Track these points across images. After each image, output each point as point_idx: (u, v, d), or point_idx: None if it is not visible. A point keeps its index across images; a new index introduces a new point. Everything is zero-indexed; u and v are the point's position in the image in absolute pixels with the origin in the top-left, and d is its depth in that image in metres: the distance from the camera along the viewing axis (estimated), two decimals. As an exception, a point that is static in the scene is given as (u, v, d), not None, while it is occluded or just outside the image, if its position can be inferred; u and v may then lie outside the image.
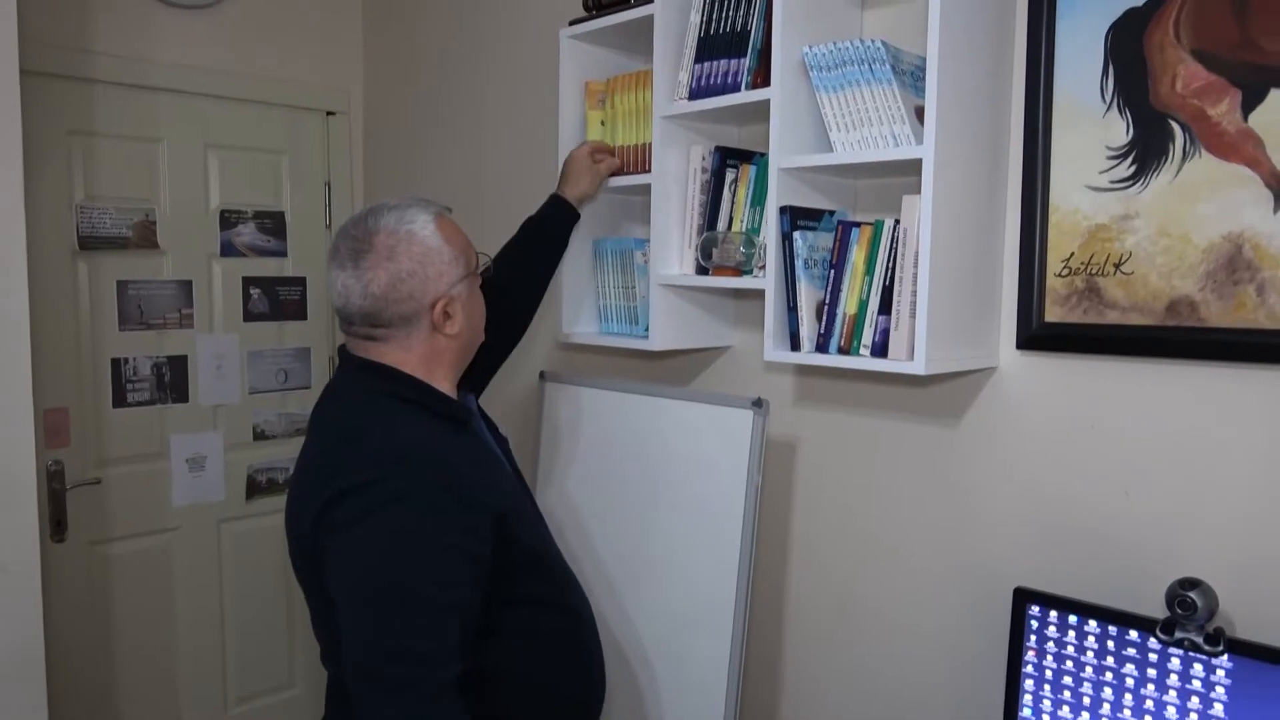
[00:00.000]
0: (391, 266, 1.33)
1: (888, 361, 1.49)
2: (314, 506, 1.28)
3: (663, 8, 1.79)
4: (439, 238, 1.37)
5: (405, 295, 1.34)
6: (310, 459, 1.38)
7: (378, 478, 1.25)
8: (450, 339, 1.40)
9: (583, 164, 1.89)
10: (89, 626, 2.62)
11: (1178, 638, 1.29)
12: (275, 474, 2.95)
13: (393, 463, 1.27)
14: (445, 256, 1.37)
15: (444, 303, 1.37)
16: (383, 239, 1.34)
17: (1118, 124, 1.41)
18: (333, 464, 1.30)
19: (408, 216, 1.36)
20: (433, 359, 1.40)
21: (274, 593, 2.97)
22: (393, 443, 1.30)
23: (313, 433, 1.43)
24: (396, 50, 2.94)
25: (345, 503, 1.25)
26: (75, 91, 2.52)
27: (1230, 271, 1.32)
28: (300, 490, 1.36)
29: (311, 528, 1.28)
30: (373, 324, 1.36)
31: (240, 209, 2.85)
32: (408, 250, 1.34)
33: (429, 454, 1.30)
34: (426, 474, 1.27)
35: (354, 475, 1.26)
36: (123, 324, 2.64)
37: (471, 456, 1.38)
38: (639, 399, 1.94)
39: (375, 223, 1.35)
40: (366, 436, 1.31)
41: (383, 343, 1.37)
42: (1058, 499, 1.53)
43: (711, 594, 1.75)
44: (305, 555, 1.33)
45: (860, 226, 1.53)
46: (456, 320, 1.39)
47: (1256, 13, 1.28)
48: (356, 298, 1.34)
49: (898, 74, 1.48)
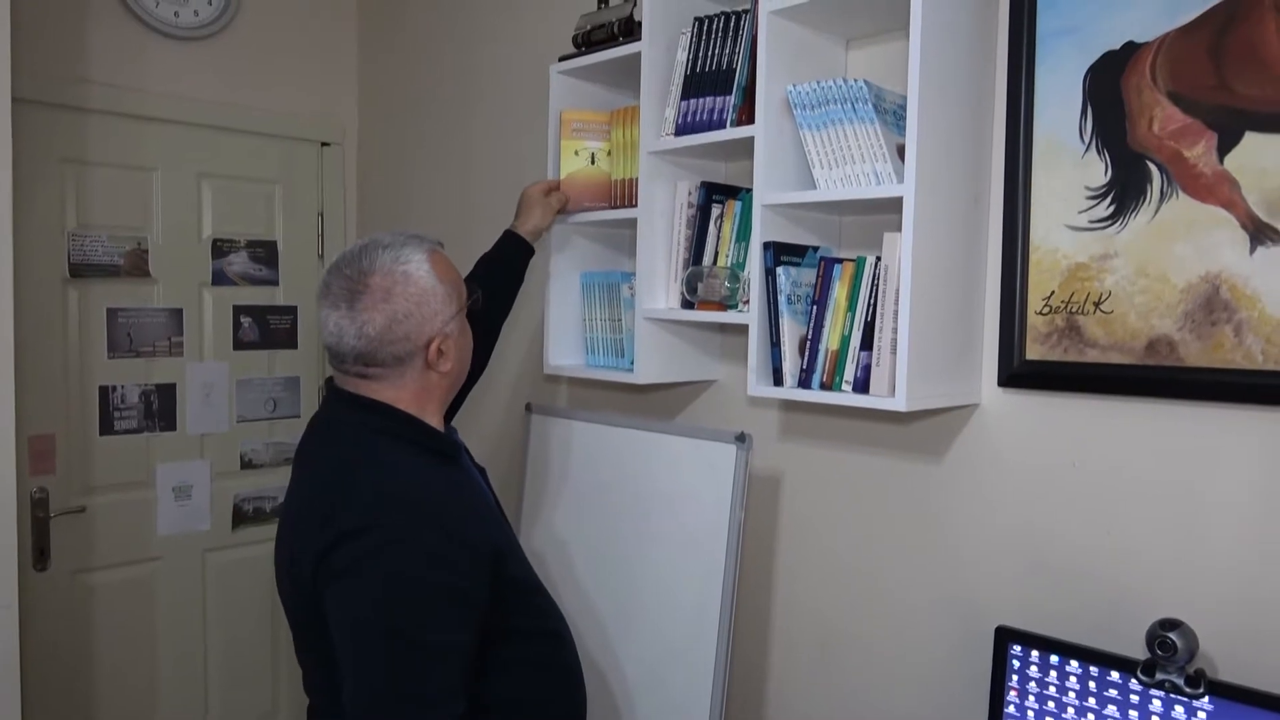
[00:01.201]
0: (388, 309, 1.31)
1: (869, 397, 1.49)
2: (314, 550, 1.26)
3: (650, 45, 1.81)
4: (433, 277, 1.36)
5: (401, 336, 1.33)
6: (305, 497, 1.36)
7: (374, 523, 1.24)
8: (443, 376, 1.39)
9: (535, 198, 1.92)
10: (70, 657, 2.59)
11: (1158, 679, 1.28)
12: (262, 503, 2.94)
13: (389, 506, 1.25)
14: (439, 295, 1.36)
15: (439, 341, 1.36)
16: (378, 280, 1.32)
17: (1096, 165, 1.43)
18: (329, 505, 1.28)
19: (403, 256, 1.35)
20: (424, 395, 1.39)
21: (258, 623, 2.94)
22: (388, 485, 1.28)
23: (303, 468, 1.41)
24: (391, 82, 2.97)
25: (343, 547, 1.23)
26: (69, 120, 2.54)
27: (1208, 312, 1.32)
28: (297, 529, 1.34)
29: (312, 571, 1.27)
30: (366, 364, 1.34)
31: (233, 238, 2.86)
32: (404, 291, 1.32)
33: (424, 496, 1.29)
34: (422, 517, 1.26)
35: (351, 519, 1.24)
36: (112, 351, 2.64)
37: (463, 493, 1.38)
38: (623, 432, 1.94)
39: (370, 262, 1.33)
40: (362, 477, 1.29)
41: (375, 380, 1.36)
42: (1040, 537, 1.53)
43: (695, 627, 1.74)
44: (301, 593, 1.31)
45: (843, 263, 1.54)
46: (450, 357, 1.39)
47: (1231, 57, 1.29)
48: (351, 339, 1.32)
49: (880, 113, 1.49)
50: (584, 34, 1.98)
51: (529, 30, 2.45)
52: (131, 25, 2.62)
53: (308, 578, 1.28)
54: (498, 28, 2.56)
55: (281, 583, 1.38)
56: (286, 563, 1.35)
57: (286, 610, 1.39)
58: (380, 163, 3.04)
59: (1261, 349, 1.28)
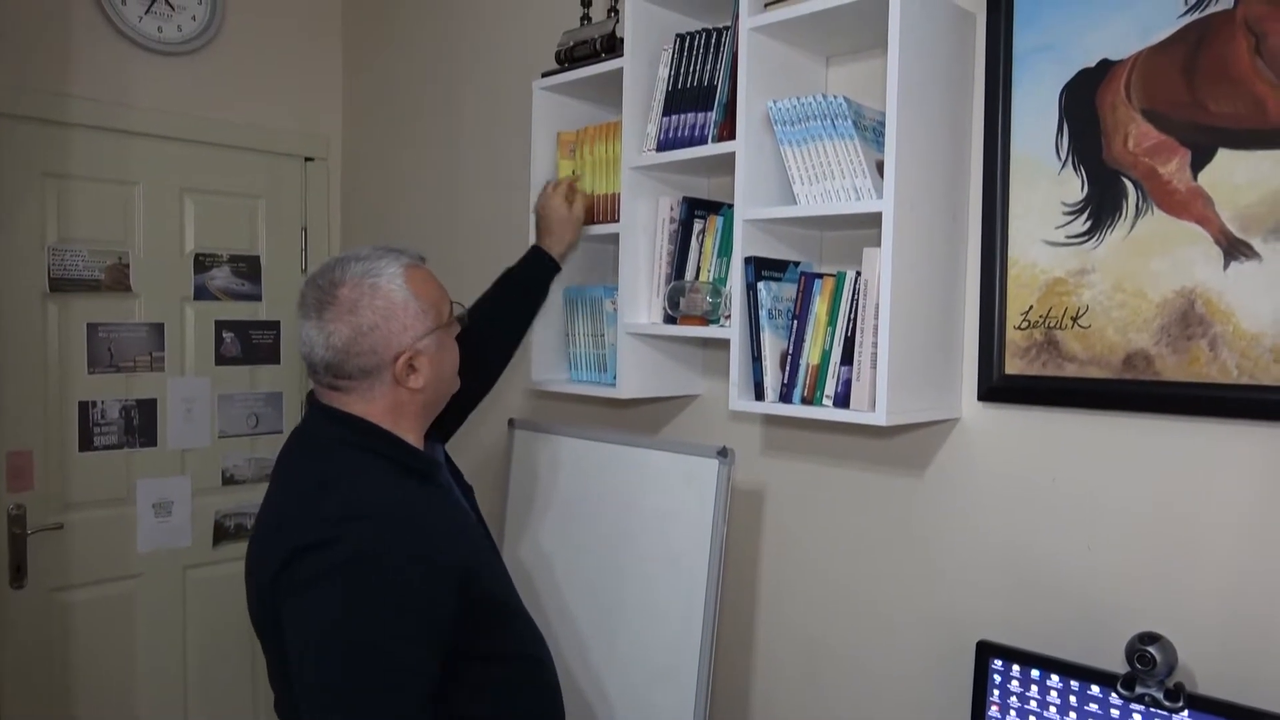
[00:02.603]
0: (353, 320, 1.31)
1: (849, 412, 1.49)
2: (274, 561, 1.25)
3: (632, 61, 1.82)
4: (406, 291, 1.35)
5: (367, 349, 1.32)
6: (272, 510, 1.35)
7: (337, 535, 1.22)
8: (414, 392, 1.37)
9: (561, 214, 1.86)
10: (47, 676, 2.55)
11: (1138, 693, 1.29)
12: (244, 519, 2.92)
13: (353, 519, 1.24)
14: (411, 310, 1.35)
15: (407, 356, 1.34)
16: (346, 291, 1.32)
17: (1073, 181, 1.44)
18: (293, 517, 1.28)
19: (375, 268, 1.34)
20: (397, 410, 1.37)
21: (239, 641, 2.91)
22: (354, 498, 1.27)
23: (278, 480, 1.40)
24: (376, 97, 2.98)
25: (305, 560, 1.22)
26: (52, 134, 2.53)
27: (1184, 326, 1.33)
28: (262, 541, 1.33)
29: (270, 582, 1.25)
30: (335, 375, 1.34)
31: (215, 252, 2.85)
32: (370, 303, 1.32)
33: (391, 510, 1.27)
34: (387, 532, 1.24)
35: (314, 531, 1.23)
36: (92, 366, 2.62)
37: (437, 511, 1.36)
38: (606, 447, 1.93)
39: (342, 273, 1.34)
40: (329, 490, 1.28)
41: (345, 393, 1.36)
42: (1020, 551, 1.53)
43: (677, 643, 1.74)
44: (264, 607, 1.30)
45: (823, 278, 1.55)
46: (421, 374, 1.37)
47: (1203, 75, 1.31)
48: (319, 349, 1.32)
49: (859, 129, 1.50)
50: (567, 50, 1.99)
51: (512, 46, 2.46)
52: (115, 40, 2.61)
53: (267, 589, 1.26)
54: (481, 44, 2.57)
55: (250, 601, 1.35)
56: (253, 575, 1.32)
57: (257, 632, 1.36)
58: (364, 178, 3.04)
59: (1236, 363, 1.29)
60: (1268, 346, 1.26)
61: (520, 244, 1.95)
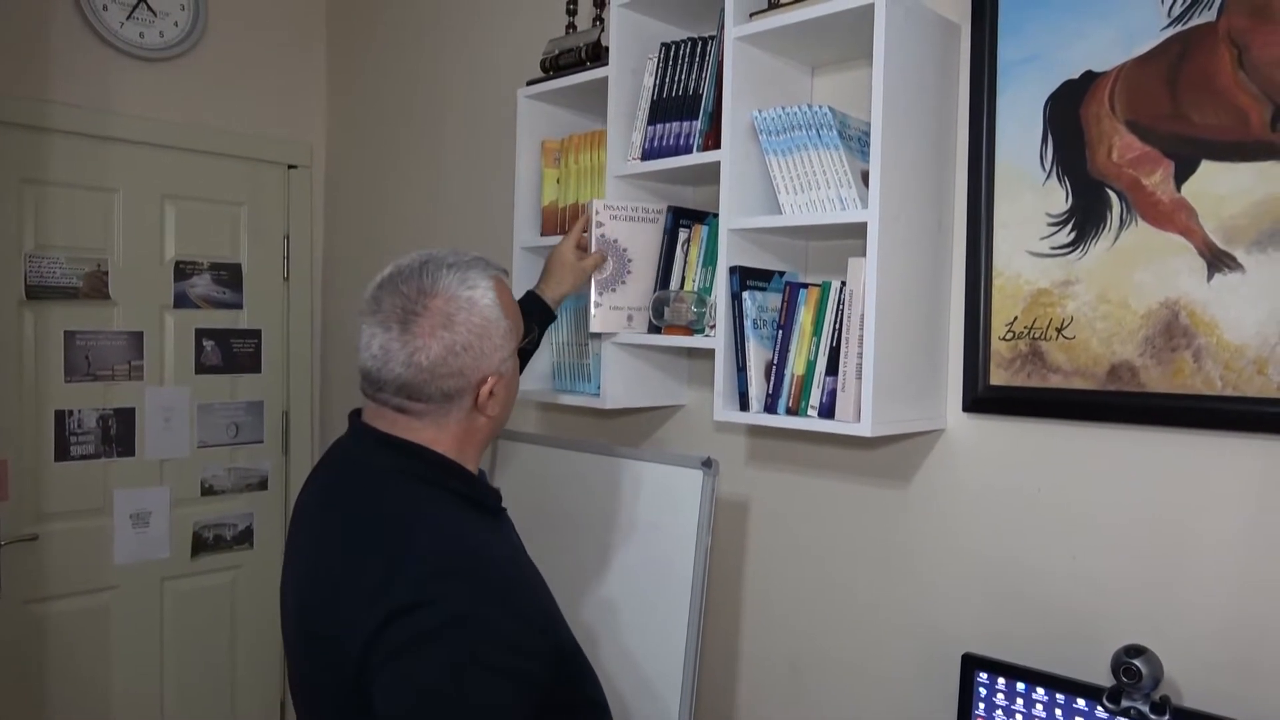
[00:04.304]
0: (447, 337, 1.16)
1: (834, 422, 1.48)
2: (366, 625, 1.10)
3: (617, 70, 1.82)
4: (498, 308, 1.21)
5: (455, 370, 1.18)
6: (346, 557, 1.18)
7: (431, 597, 1.10)
8: (489, 420, 1.25)
9: (568, 263, 1.76)
10: (21, 689, 2.51)
11: (1124, 706, 1.28)
12: (223, 530, 2.88)
13: (444, 576, 1.12)
14: (501, 330, 1.21)
15: (494, 381, 1.21)
16: (440, 303, 1.17)
17: (1057, 192, 1.44)
18: (379, 573, 1.12)
19: (470, 279, 1.20)
20: (465, 439, 1.24)
21: (217, 654, 2.87)
22: (440, 548, 1.14)
23: (333, 514, 1.23)
24: (359, 105, 2.96)
25: (400, 623, 1.09)
26: (31, 140, 2.50)
27: (1168, 338, 1.33)
28: (341, 595, 1.16)
29: (361, 647, 1.10)
30: (409, 396, 1.18)
31: (196, 260, 2.82)
32: (467, 320, 1.18)
33: (481, 567, 1.15)
34: (484, 592, 1.12)
35: (406, 592, 1.10)
36: (69, 375, 2.59)
37: (515, 558, 1.25)
38: (589, 458, 1.92)
39: (433, 281, 1.18)
40: (412, 538, 1.15)
41: (416, 417, 1.20)
42: (1005, 562, 1.52)
43: (662, 653, 1.72)
44: (338, 664, 1.14)
45: (808, 288, 1.54)
46: (498, 400, 1.24)
47: (1186, 87, 1.31)
48: (398, 365, 1.16)
49: (844, 139, 1.50)
50: (552, 58, 1.98)
51: (497, 54, 2.45)
52: (96, 45, 2.59)
53: (355, 653, 1.11)
54: (466, 52, 2.56)
55: (296, 640, 1.22)
56: (320, 626, 1.18)
57: (300, 675, 1.23)
58: (348, 185, 3.02)
59: (1220, 374, 1.29)
60: (1251, 358, 1.26)
61: (503, 253, 1.93)
